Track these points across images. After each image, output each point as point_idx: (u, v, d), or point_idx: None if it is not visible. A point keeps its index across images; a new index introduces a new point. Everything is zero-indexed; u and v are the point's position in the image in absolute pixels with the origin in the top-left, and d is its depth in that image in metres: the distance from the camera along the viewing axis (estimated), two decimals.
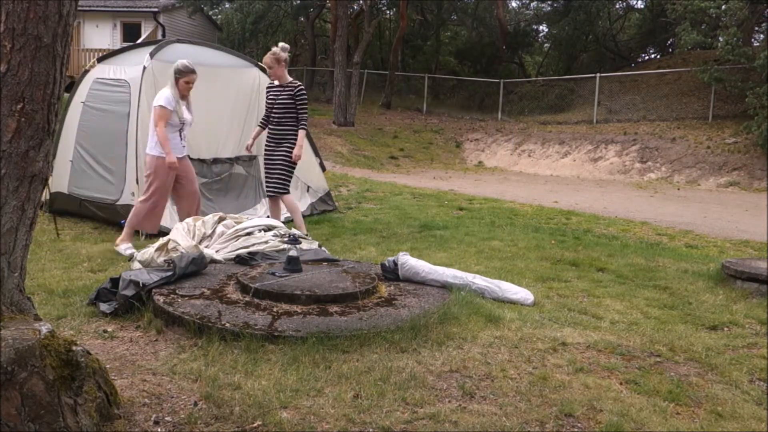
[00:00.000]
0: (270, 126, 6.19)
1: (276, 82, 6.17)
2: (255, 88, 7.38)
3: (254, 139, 6.38)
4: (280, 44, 6.27)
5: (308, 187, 7.82)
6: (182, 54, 7.04)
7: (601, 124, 18.86)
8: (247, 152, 6.61)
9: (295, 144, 6.04)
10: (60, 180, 6.85)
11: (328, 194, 8.14)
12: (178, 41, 7.52)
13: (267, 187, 6.27)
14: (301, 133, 6.06)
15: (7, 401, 1.97)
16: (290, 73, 6.30)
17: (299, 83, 6.17)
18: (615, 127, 18.20)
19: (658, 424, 2.60)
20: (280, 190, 6.10)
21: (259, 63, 7.84)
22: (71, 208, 6.87)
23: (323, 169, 8.18)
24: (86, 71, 7.21)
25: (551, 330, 3.63)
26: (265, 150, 6.25)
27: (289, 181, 6.15)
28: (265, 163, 6.28)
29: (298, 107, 6.06)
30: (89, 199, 6.65)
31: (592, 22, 25.01)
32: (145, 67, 6.47)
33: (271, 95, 6.17)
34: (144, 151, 5.87)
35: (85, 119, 6.88)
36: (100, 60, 7.25)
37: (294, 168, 6.16)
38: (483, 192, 12.01)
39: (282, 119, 6.08)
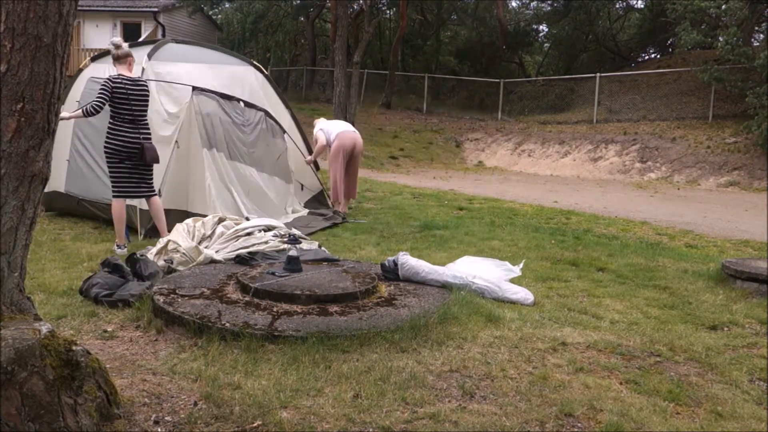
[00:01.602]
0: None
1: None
2: (257, 83, 7.46)
3: None
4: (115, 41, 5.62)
5: (302, 185, 7.84)
6: (178, 54, 7.07)
7: (601, 123, 18.86)
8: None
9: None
10: (56, 179, 6.79)
11: (321, 193, 8.16)
12: (174, 41, 7.54)
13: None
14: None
15: (7, 401, 1.97)
16: (290, 72, 6.36)
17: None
18: (615, 126, 18.20)
19: (658, 424, 2.60)
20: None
21: (254, 62, 7.87)
22: (69, 208, 6.84)
23: (317, 167, 8.19)
24: (80, 70, 7.20)
25: (551, 330, 3.63)
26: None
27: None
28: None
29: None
30: (87, 199, 6.63)
31: (592, 22, 25.02)
32: (143, 68, 6.47)
33: None
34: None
35: (79, 119, 6.86)
36: (93, 59, 7.23)
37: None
38: (483, 192, 12.01)
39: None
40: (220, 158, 6.51)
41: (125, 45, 5.62)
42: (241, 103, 6.92)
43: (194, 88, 6.42)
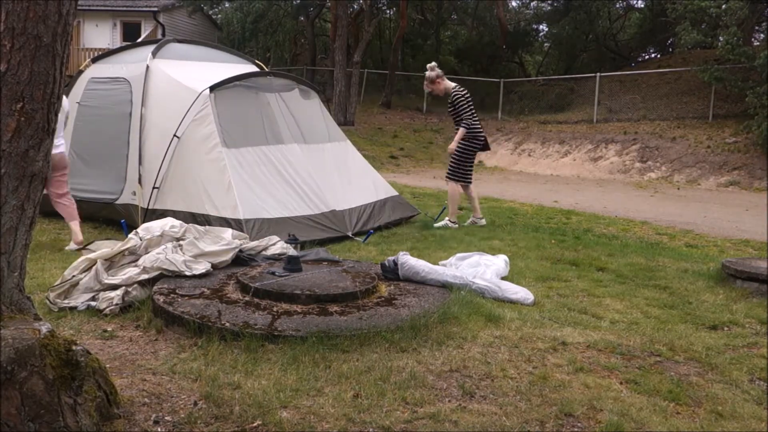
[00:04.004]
0: None
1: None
2: None
3: None
4: (428, 66, 7.53)
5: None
6: (181, 53, 7.07)
7: (601, 123, 18.85)
8: None
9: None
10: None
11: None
12: (176, 40, 7.55)
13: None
14: (461, 131, 7.12)
15: (7, 401, 1.97)
16: (290, 72, 6.28)
17: (453, 88, 7.26)
18: (615, 126, 18.19)
19: (658, 424, 2.60)
20: (450, 176, 7.28)
21: (256, 61, 7.86)
22: None
23: None
24: (80, 71, 7.21)
25: (551, 329, 3.63)
26: None
27: (456, 171, 7.23)
28: None
29: (458, 110, 7.18)
30: (86, 200, 6.61)
31: (592, 22, 24.99)
32: (148, 66, 6.48)
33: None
34: (146, 150, 5.96)
35: (80, 119, 6.85)
36: (94, 60, 7.26)
37: (460, 160, 7.21)
38: (483, 191, 12.00)
39: (456, 124, 7.29)
40: (246, 154, 6.15)
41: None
42: (269, 76, 6.81)
43: (212, 88, 6.12)
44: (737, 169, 14.39)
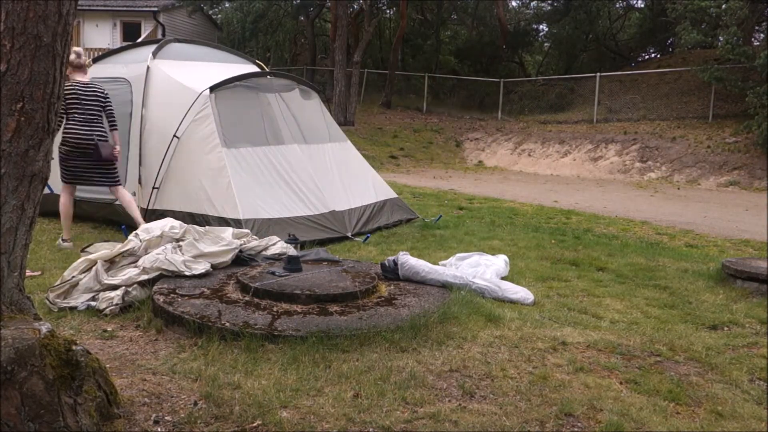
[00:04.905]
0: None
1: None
2: None
3: None
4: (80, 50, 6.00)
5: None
6: (181, 53, 7.07)
7: (601, 123, 18.84)
8: None
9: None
10: (51, 181, 6.68)
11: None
12: (176, 40, 7.54)
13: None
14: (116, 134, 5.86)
15: (7, 400, 1.97)
16: (290, 72, 6.24)
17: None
18: (615, 126, 18.19)
19: (658, 424, 2.60)
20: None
21: (257, 61, 7.85)
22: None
23: None
24: None
25: (551, 329, 3.63)
26: None
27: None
28: None
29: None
30: (85, 200, 6.60)
31: (592, 22, 24.98)
32: (148, 66, 6.47)
33: None
34: (146, 150, 5.93)
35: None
36: (94, 60, 7.26)
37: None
38: (483, 191, 12.01)
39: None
40: (246, 154, 6.07)
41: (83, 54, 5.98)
42: (268, 76, 6.76)
43: (212, 88, 6.09)
44: (737, 169, 14.38)
